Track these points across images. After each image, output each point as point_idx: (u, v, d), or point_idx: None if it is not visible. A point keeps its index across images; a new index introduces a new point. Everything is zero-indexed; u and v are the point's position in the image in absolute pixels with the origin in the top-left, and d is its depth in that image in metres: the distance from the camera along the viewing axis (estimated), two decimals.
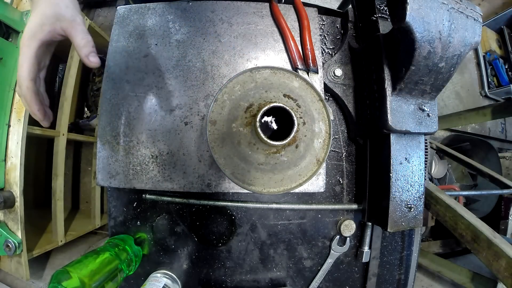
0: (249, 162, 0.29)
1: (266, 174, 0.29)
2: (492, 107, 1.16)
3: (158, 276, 0.47)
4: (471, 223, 0.57)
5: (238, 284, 0.52)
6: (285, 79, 0.30)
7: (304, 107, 0.29)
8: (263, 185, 0.29)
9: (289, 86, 0.29)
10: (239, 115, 0.29)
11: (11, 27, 0.94)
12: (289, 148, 0.29)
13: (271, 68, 0.29)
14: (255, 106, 0.28)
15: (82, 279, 0.37)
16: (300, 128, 0.29)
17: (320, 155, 0.30)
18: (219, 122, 0.29)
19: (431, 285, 1.34)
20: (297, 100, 0.29)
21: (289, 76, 0.30)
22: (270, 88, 0.29)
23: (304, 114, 0.29)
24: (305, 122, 0.29)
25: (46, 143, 1.38)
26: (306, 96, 0.30)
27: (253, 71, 0.29)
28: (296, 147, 0.29)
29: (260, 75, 0.30)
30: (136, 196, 0.50)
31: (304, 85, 0.30)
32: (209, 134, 0.29)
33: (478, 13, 0.37)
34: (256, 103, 0.29)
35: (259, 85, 0.29)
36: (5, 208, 0.92)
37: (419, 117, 0.42)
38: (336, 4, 0.99)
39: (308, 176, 0.30)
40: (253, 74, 0.29)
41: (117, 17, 0.50)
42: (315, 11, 0.52)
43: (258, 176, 0.29)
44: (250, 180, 0.29)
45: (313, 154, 0.30)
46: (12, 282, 1.14)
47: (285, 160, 0.29)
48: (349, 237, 0.52)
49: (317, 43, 0.49)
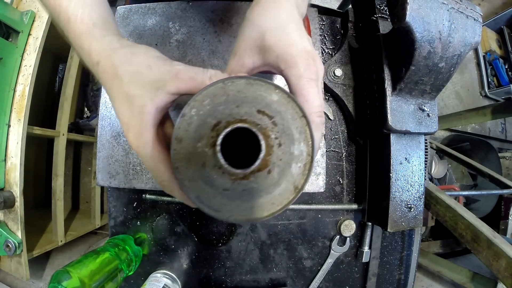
0: (214, 187, 0.25)
1: (233, 201, 0.26)
2: (492, 107, 1.16)
3: (158, 276, 0.47)
4: (471, 223, 0.57)
5: (238, 284, 0.52)
6: (263, 91, 0.25)
7: (282, 125, 0.25)
8: (230, 211, 0.26)
9: (266, 100, 0.25)
10: (205, 134, 0.25)
11: (11, 27, 0.94)
12: (259, 173, 0.25)
13: (247, 79, 0.25)
14: (222, 124, 0.25)
15: (82, 279, 0.37)
16: (274, 151, 0.25)
17: (299, 182, 0.26)
18: (185, 140, 0.25)
19: (431, 285, 1.34)
20: (274, 117, 0.25)
21: (267, 88, 0.25)
22: (242, 102, 0.25)
23: (281, 134, 0.25)
24: (281, 144, 0.25)
25: (46, 143, 1.38)
26: (286, 112, 0.25)
27: (226, 82, 0.25)
28: (269, 173, 0.25)
29: (234, 86, 0.25)
30: (136, 196, 0.50)
31: (285, 99, 0.25)
32: (174, 153, 0.25)
33: (478, 13, 0.37)
34: (224, 120, 0.25)
35: (230, 99, 0.25)
36: (5, 208, 0.92)
37: (419, 117, 0.42)
38: (336, 4, 0.99)
39: (283, 205, 0.26)
40: (225, 86, 0.25)
41: (117, 17, 0.50)
42: (315, 11, 0.52)
43: (224, 202, 0.26)
44: (217, 206, 0.26)
45: (289, 180, 0.26)
46: (12, 282, 1.14)
47: (255, 187, 0.25)
48: (349, 237, 0.52)
49: (317, 43, 0.49)
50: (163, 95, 0.26)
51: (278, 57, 0.26)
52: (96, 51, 0.27)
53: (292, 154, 0.26)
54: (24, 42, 0.98)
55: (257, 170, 0.25)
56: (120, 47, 0.27)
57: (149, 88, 0.26)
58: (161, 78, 0.26)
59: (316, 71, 0.26)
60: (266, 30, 0.27)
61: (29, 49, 0.98)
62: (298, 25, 0.27)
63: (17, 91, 0.96)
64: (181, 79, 0.26)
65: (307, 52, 0.26)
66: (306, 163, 0.26)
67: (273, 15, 0.27)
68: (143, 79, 0.26)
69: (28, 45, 0.98)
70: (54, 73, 1.42)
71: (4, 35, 0.94)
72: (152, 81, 0.26)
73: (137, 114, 0.26)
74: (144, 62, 0.26)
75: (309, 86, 0.26)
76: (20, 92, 0.96)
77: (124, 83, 0.26)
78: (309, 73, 0.26)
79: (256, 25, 0.27)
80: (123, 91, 0.26)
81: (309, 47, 0.27)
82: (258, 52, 0.27)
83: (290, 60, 0.26)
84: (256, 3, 0.28)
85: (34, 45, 0.98)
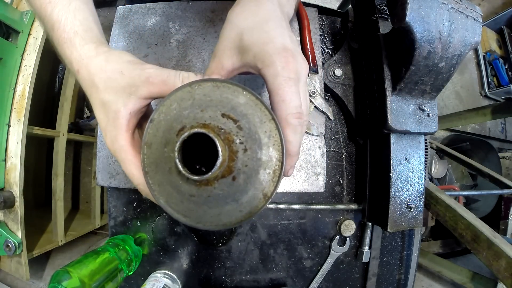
0: (181, 192, 0.25)
1: (200, 207, 0.25)
2: (492, 107, 1.16)
3: (158, 276, 0.47)
4: (471, 223, 0.57)
5: (238, 284, 0.52)
6: (229, 94, 0.25)
7: (247, 130, 0.24)
8: (198, 218, 0.25)
9: (232, 103, 0.24)
10: (171, 139, 0.25)
11: (11, 27, 0.94)
12: (223, 180, 0.24)
13: (213, 81, 0.25)
14: (186, 129, 0.24)
15: (82, 279, 0.37)
16: (239, 156, 0.24)
17: (268, 189, 0.25)
18: (153, 145, 0.25)
19: (431, 285, 1.34)
20: (239, 120, 0.24)
21: (234, 91, 0.24)
22: (207, 106, 0.25)
23: (247, 139, 0.24)
24: (247, 149, 0.24)
25: (46, 143, 1.38)
26: (254, 115, 0.24)
27: (193, 86, 0.25)
28: (233, 179, 0.25)
29: (201, 90, 0.25)
30: (136, 196, 0.50)
31: (253, 101, 0.24)
32: (144, 157, 0.25)
33: (478, 13, 0.37)
34: (189, 125, 0.24)
35: (196, 103, 0.25)
36: (5, 208, 0.92)
37: (419, 117, 0.42)
38: (336, 4, 0.99)
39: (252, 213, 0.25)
40: (192, 90, 0.25)
41: (117, 17, 0.50)
42: (315, 11, 0.52)
43: (192, 208, 0.25)
44: (185, 212, 0.25)
45: (258, 187, 0.25)
46: (12, 282, 1.14)
47: (220, 193, 0.25)
48: (349, 237, 0.52)
49: (317, 43, 0.49)
50: (135, 100, 0.27)
51: (255, 56, 0.25)
52: (76, 60, 0.27)
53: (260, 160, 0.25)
54: (24, 42, 0.98)
55: (220, 176, 0.25)
56: (95, 55, 0.27)
57: (122, 93, 0.26)
58: (133, 83, 0.26)
59: (295, 70, 0.25)
60: (244, 30, 0.26)
61: (29, 49, 0.98)
62: (279, 22, 0.26)
63: (17, 91, 0.96)
64: (152, 83, 0.26)
65: (285, 50, 0.25)
66: (276, 170, 0.25)
67: (252, 14, 0.26)
68: (116, 85, 0.26)
69: (28, 45, 0.98)
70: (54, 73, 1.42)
71: (4, 35, 0.94)
72: (124, 86, 0.26)
73: (111, 119, 0.27)
74: (117, 68, 0.27)
75: (286, 85, 0.24)
76: (20, 92, 0.96)
77: (100, 90, 0.27)
78: (287, 71, 0.24)
79: (235, 25, 0.27)
80: (99, 98, 0.27)
81: (289, 44, 0.25)
82: (237, 53, 0.27)
83: (267, 58, 0.25)
84: (237, 3, 0.28)
85: (34, 45, 0.98)
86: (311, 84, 0.47)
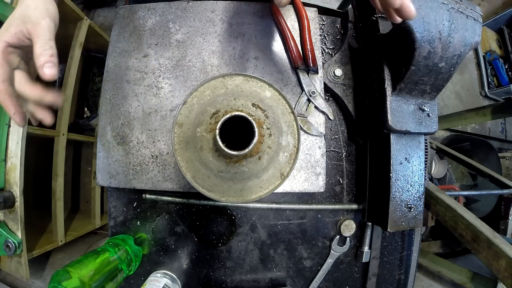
0: (209, 168, 0.29)
1: (225, 182, 0.29)
2: (492, 107, 1.16)
3: (158, 276, 0.47)
4: (471, 223, 0.57)
5: (238, 284, 0.52)
6: (257, 88, 0.29)
7: (272, 119, 0.29)
8: (222, 192, 0.29)
9: (260, 96, 0.29)
10: (204, 120, 0.29)
11: None
12: (251, 159, 0.29)
13: (244, 76, 0.29)
14: (221, 113, 0.28)
15: (82, 279, 0.37)
16: (265, 140, 0.29)
17: (285, 169, 0.29)
18: (185, 125, 0.29)
19: (431, 285, 1.34)
20: (266, 110, 0.29)
21: (261, 85, 0.29)
22: (239, 95, 0.29)
23: (272, 126, 0.29)
24: (272, 134, 0.29)
25: (46, 143, 1.37)
26: (277, 107, 0.29)
27: (225, 77, 0.29)
28: (259, 159, 0.29)
29: (232, 81, 0.29)
30: (136, 196, 0.50)
31: (277, 96, 0.29)
32: (174, 136, 0.29)
33: (478, 13, 0.37)
34: (223, 109, 0.29)
35: (229, 92, 0.29)
36: (5, 208, 0.92)
37: (419, 117, 0.42)
38: (336, 4, 0.99)
39: (269, 189, 0.29)
40: (225, 80, 0.29)
41: (117, 17, 0.50)
42: (315, 11, 0.52)
43: (217, 183, 0.29)
44: (210, 186, 0.29)
45: (277, 167, 0.29)
46: (12, 282, 1.14)
47: (246, 170, 0.29)
48: (349, 237, 0.52)
49: (317, 43, 0.49)
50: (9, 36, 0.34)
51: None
52: None
53: (280, 144, 0.30)
54: None
55: (249, 155, 0.29)
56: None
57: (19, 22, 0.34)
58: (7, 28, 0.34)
59: None
60: None
61: None
62: None
63: None
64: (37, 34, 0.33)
65: None
66: (292, 153, 0.30)
67: None
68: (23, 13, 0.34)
69: None
70: None
71: None
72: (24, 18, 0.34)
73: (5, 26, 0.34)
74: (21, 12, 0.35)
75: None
76: None
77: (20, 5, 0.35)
78: None
79: None
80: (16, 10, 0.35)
81: None
82: None
83: None
84: None
85: None
86: (311, 84, 0.47)
